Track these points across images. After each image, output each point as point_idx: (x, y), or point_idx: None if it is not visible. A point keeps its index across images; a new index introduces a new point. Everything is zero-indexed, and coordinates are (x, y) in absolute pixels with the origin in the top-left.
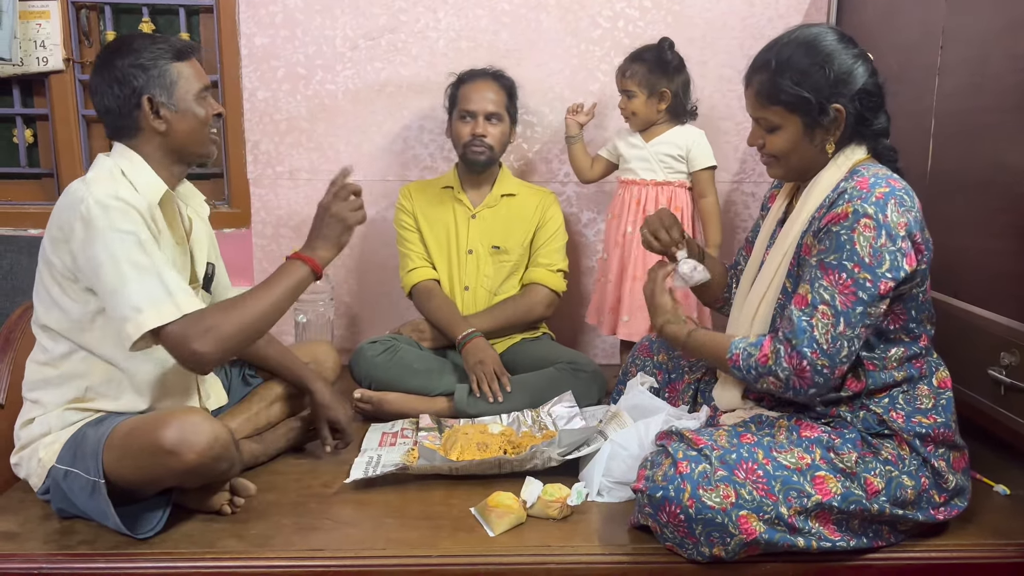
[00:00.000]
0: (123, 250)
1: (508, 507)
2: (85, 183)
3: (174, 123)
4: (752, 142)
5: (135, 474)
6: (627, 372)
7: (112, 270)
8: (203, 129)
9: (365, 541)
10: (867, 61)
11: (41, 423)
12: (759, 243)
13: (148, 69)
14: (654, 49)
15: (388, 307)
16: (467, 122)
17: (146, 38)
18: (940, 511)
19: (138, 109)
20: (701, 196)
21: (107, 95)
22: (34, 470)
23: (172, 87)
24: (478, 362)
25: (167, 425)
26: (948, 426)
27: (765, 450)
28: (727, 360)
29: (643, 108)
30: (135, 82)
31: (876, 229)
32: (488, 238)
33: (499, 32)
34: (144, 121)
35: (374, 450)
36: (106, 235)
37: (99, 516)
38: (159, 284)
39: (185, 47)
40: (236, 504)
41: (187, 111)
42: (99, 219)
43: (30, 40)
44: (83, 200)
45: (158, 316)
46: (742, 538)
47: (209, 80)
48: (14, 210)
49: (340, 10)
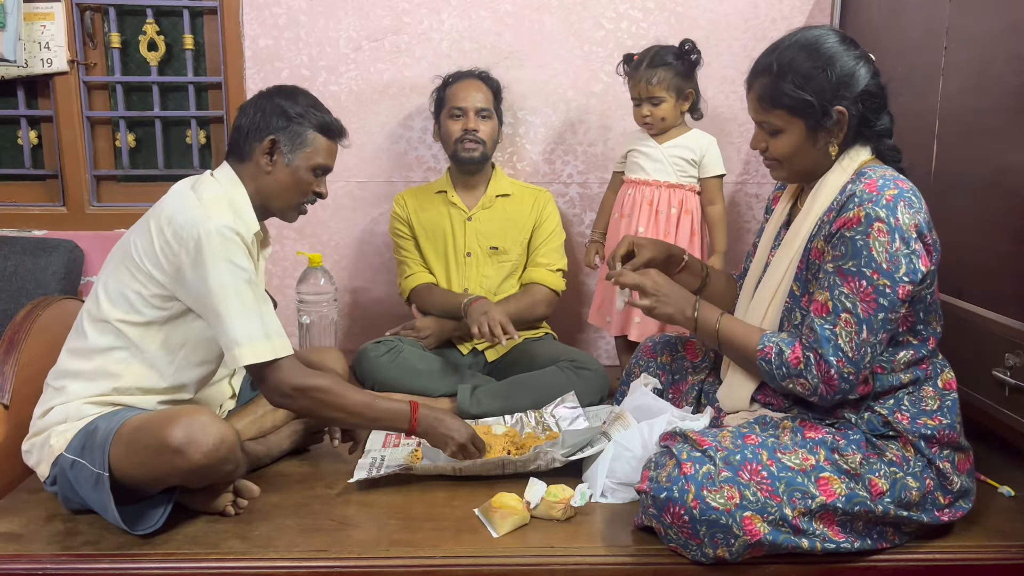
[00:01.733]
0: (233, 283)
1: (512, 508)
2: (203, 204)
3: (278, 173)
4: (755, 145)
5: (140, 470)
6: (631, 373)
7: (220, 299)
8: (298, 194)
9: (368, 542)
10: (869, 62)
11: (59, 411)
12: (763, 245)
13: (292, 119)
14: (675, 51)
15: (391, 308)
16: (458, 119)
17: (312, 97)
18: (945, 513)
19: (259, 143)
20: (709, 203)
21: (247, 117)
22: (44, 457)
23: (299, 146)
24: (483, 313)
25: (175, 424)
26: (953, 428)
27: (769, 451)
28: (756, 351)
29: (672, 112)
30: (274, 120)
31: (889, 233)
32: (485, 239)
33: (502, 33)
34: (257, 156)
35: (377, 451)
36: (220, 265)
37: (100, 509)
38: (259, 323)
39: (335, 128)
40: (240, 505)
41: (296, 170)
42: (218, 248)
43: (34, 42)
44: (201, 224)
45: (253, 355)
46: (746, 539)
47: (333, 166)
48: (18, 211)
49: (344, 12)
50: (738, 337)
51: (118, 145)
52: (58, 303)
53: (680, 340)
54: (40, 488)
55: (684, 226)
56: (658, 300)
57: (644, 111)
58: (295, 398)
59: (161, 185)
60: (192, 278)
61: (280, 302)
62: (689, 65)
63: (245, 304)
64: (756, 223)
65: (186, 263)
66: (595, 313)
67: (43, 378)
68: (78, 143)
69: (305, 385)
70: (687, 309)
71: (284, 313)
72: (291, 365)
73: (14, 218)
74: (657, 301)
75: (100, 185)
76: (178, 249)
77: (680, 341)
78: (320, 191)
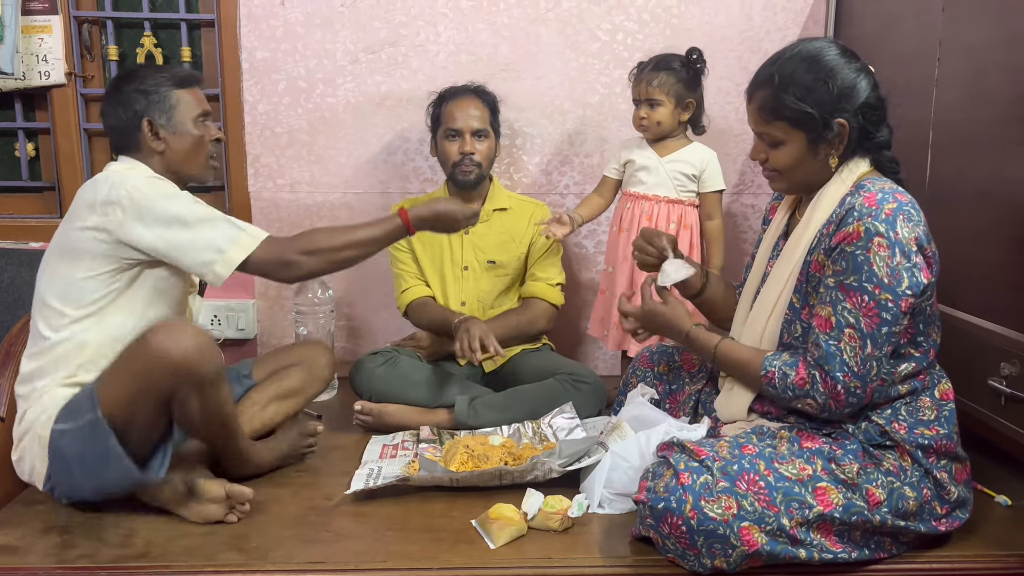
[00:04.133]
0: (182, 208)
1: (509, 519)
2: (114, 174)
3: (172, 143)
4: (755, 156)
5: (128, 391)
6: (628, 383)
7: (179, 229)
8: (200, 150)
9: (366, 553)
10: (869, 75)
11: (34, 409)
12: (760, 256)
13: (149, 94)
14: (680, 58)
15: (389, 319)
16: (454, 141)
17: (151, 67)
18: (942, 523)
19: (139, 130)
20: (708, 218)
21: (112, 116)
22: (36, 454)
23: (171, 111)
24: (465, 330)
25: (151, 332)
26: (950, 437)
27: (767, 461)
28: (760, 377)
29: (669, 118)
30: (136, 105)
31: (889, 248)
32: (483, 253)
33: (499, 46)
34: (144, 141)
35: (375, 462)
36: (158, 203)
37: (101, 462)
38: (228, 224)
39: (188, 76)
40: (240, 511)
41: (185, 133)
42: (147, 194)
43: (32, 54)
44: (125, 182)
45: (242, 249)
46: (744, 550)
47: (210, 107)
48: (15, 223)
49: (341, 24)
50: (739, 364)
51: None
52: None
53: (677, 350)
54: (36, 501)
55: (683, 240)
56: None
57: (642, 112)
58: (302, 261)
59: None
60: (140, 230)
61: (277, 313)
62: (693, 73)
63: (204, 217)
64: (752, 233)
65: (128, 218)
66: (595, 325)
67: None
68: (75, 155)
69: (301, 243)
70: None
71: (282, 324)
72: (277, 239)
73: (11, 230)
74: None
75: None
76: (112, 212)
77: (677, 351)
78: (216, 137)
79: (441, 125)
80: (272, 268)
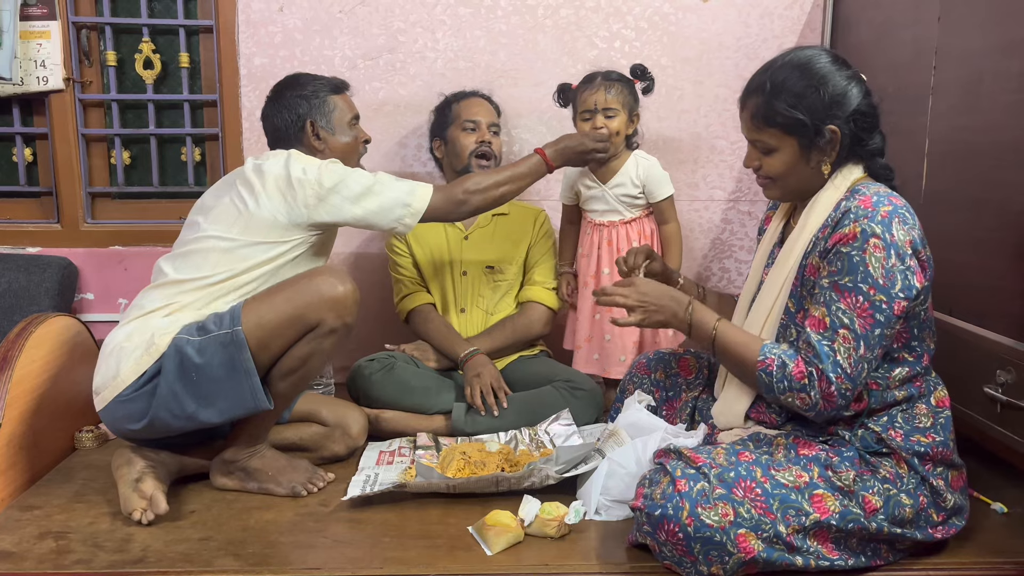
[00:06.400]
0: (364, 177)
1: (506, 526)
2: (297, 157)
3: (331, 143)
4: (748, 164)
5: (280, 316)
6: (624, 390)
7: (369, 191)
8: (354, 150)
9: (362, 559)
10: (860, 82)
11: (155, 321)
12: (756, 264)
13: (310, 99)
14: (630, 70)
15: (386, 325)
16: (471, 132)
17: (308, 75)
18: (938, 530)
19: (302, 131)
20: (663, 223)
21: (276, 118)
22: (136, 357)
23: (330, 114)
24: (475, 375)
25: (318, 271)
26: (946, 445)
27: (763, 468)
28: (756, 363)
29: (624, 129)
30: (299, 109)
31: (885, 249)
32: (482, 258)
33: (497, 52)
34: (307, 141)
35: (371, 468)
36: (349, 177)
37: (227, 372)
38: (400, 183)
39: (341, 83)
40: (323, 481)
41: (342, 133)
42: (334, 169)
43: (30, 60)
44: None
45: (422, 198)
46: (740, 557)
47: (359, 112)
48: (13, 228)
49: (339, 31)
50: (737, 345)
51: (113, 163)
52: (51, 320)
53: (674, 357)
54: (33, 506)
55: None
56: (645, 311)
57: (598, 123)
58: (469, 198)
59: (156, 202)
60: (336, 200)
61: None
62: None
63: (380, 181)
64: (749, 240)
65: (323, 191)
66: (569, 338)
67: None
68: (73, 160)
69: (465, 184)
70: (680, 312)
71: None
72: (441, 186)
73: (8, 235)
74: (644, 312)
75: (95, 202)
76: (303, 189)
77: (674, 358)
78: (366, 139)
79: (453, 122)
80: (448, 208)
